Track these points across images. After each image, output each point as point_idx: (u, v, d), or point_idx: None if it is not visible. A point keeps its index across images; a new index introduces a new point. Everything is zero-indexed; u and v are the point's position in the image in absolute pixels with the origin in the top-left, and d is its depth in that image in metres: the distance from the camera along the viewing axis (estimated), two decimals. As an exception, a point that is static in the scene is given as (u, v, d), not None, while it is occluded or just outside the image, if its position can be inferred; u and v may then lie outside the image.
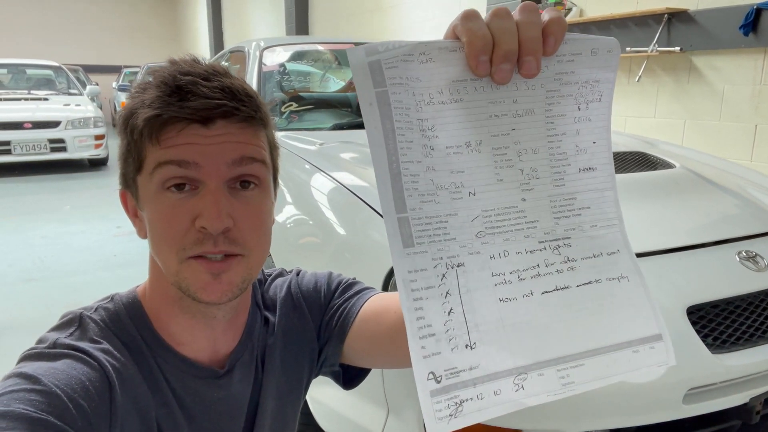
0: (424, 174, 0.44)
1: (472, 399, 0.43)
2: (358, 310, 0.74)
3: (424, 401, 0.42)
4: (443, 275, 0.44)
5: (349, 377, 0.81)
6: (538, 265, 0.47)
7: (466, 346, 0.44)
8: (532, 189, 0.48)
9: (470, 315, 0.44)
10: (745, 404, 1.27)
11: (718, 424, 1.29)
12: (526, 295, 0.46)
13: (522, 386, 0.45)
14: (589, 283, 0.48)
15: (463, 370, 0.43)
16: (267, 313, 0.77)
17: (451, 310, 0.44)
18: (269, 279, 0.82)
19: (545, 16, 0.44)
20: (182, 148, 0.58)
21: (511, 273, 0.46)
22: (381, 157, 0.43)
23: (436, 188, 0.44)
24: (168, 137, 0.58)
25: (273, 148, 0.68)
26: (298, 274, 0.83)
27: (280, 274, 0.83)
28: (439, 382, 0.42)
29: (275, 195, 0.70)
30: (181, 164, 0.58)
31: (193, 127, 0.58)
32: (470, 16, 0.42)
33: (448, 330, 0.43)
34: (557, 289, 0.47)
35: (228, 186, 0.60)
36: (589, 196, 0.50)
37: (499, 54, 0.42)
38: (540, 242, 0.47)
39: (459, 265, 0.45)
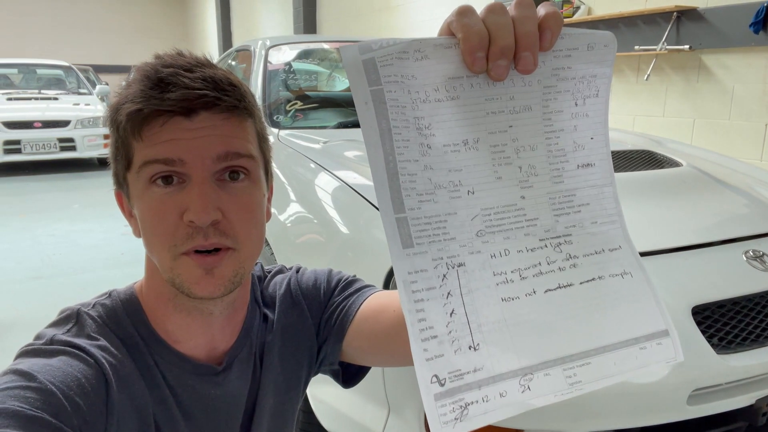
0: (421, 173, 0.43)
1: (477, 402, 0.42)
2: (358, 308, 0.74)
3: (429, 405, 0.41)
4: (444, 276, 0.43)
5: (349, 375, 0.81)
6: (539, 263, 0.46)
7: (470, 348, 0.43)
8: (531, 186, 0.47)
9: (473, 315, 0.43)
10: (751, 406, 1.26)
11: (723, 426, 1.27)
12: (529, 294, 0.45)
13: (528, 387, 0.44)
14: (592, 280, 0.48)
15: (467, 372, 0.42)
16: (266, 310, 0.77)
17: (453, 311, 0.43)
18: (269, 276, 0.81)
19: (541, 11, 0.43)
20: (166, 145, 0.58)
21: (512, 272, 0.45)
22: (377, 157, 0.42)
23: (435, 187, 0.44)
24: (151, 133, 0.58)
25: (262, 139, 0.67)
26: (297, 271, 0.82)
27: (280, 270, 0.83)
28: (443, 385, 0.41)
29: (268, 187, 0.69)
30: (166, 162, 0.58)
31: (176, 120, 0.58)
32: (465, 12, 0.42)
33: (450, 331, 0.42)
34: (560, 287, 0.46)
35: (216, 178, 0.60)
36: (589, 192, 0.49)
37: (496, 50, 0.41)
38: (541, 240, 0.47)
39: (460, 265, 0.44)
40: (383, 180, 0.42)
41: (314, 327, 0.78)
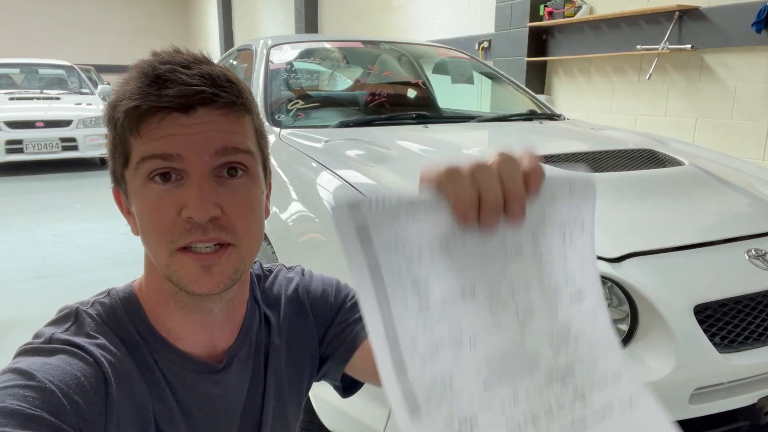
0: (422, 333, 0.43)
1: None
2: (365, 337, 0.75)
3: None
4: None
5: (347, 385, 0.82)
6: (549, 402, 0.46)
7: None
8: (529, 326, 0.47)
9: None
10: (753, 405, 1.25)
11: (725, 425, 1.27)
12: None
13: None
14: (602, 410, 0.48)
15: None
16: (267, 311, 0.77)
17: None
18: (270, 275, 0.81)
19: (524, 163, 0.44)
20: (164, 140, 0.58)
21: (524, 417, 0.45)
22: (376, 324, 0.41)
23: (437, 345, 0.43)
24: (149, 129, 0.58)
25: (260, 136, 0.67)
26: (303, 274, 0.82)
27: (281, 270, 0.83)
28: None
29: (266, 184, 0.69)
30: (164, 157, 0.58)
31: (174, 117, 0.58)
32: (453, 174, 0.43)
33: None
34: (573, 425, 0.46)
35: (214, 175, 0.60)
36: (583, 323, 0.50)
37: (486, 207, 0.43)
38: (546, 377, 0.47)
39: (472, 422, 0.43)
40: (383, 346, 0.41)
41: (317, 336, 0.78)
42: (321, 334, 0.78)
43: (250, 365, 0.73)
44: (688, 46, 3.96)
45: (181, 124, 0.58)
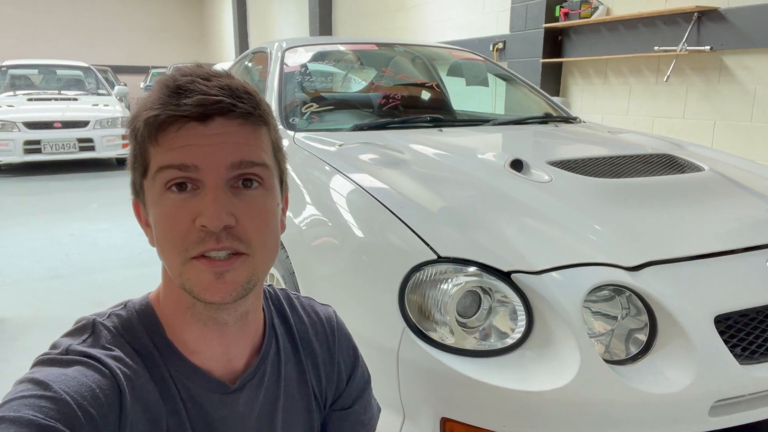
0: None
1: None
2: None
3: None
4: None
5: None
6: None
7: None
8: None
9: None
10: (775, 418, 1.23)
11: (746, 438, 1.24)
12: None
13: None
14: None
15: None
16: (287, 341, 0.77)
17: None
18: (301, 307, 0.82)
19: None
20: (181, 150, 0.58)
21: None
22: None
23: None
24: (167, 138, 0.59)
25: (276, 149, 0.67)
26: (336, 317, 0.84)
27: (314, 303, 0.84)
28: None
29: (283, 198, 0.69)
30: (181, 168, 0.59)
31: (191, 126, 0.59)
32: None
33: None
34: None
35: (230, 185, 0.60)
36: None
37: None
38: None
39: None
40: None
41: (331, 391, 0.81)
42: (330, 392, 0.81)
43: (261, 394, 0.72)
44: (707, 47, 3.91)
45: (198, 133, 0.59)
